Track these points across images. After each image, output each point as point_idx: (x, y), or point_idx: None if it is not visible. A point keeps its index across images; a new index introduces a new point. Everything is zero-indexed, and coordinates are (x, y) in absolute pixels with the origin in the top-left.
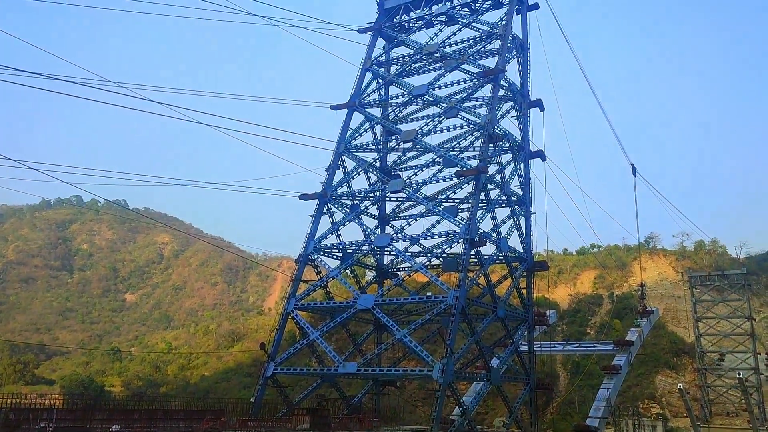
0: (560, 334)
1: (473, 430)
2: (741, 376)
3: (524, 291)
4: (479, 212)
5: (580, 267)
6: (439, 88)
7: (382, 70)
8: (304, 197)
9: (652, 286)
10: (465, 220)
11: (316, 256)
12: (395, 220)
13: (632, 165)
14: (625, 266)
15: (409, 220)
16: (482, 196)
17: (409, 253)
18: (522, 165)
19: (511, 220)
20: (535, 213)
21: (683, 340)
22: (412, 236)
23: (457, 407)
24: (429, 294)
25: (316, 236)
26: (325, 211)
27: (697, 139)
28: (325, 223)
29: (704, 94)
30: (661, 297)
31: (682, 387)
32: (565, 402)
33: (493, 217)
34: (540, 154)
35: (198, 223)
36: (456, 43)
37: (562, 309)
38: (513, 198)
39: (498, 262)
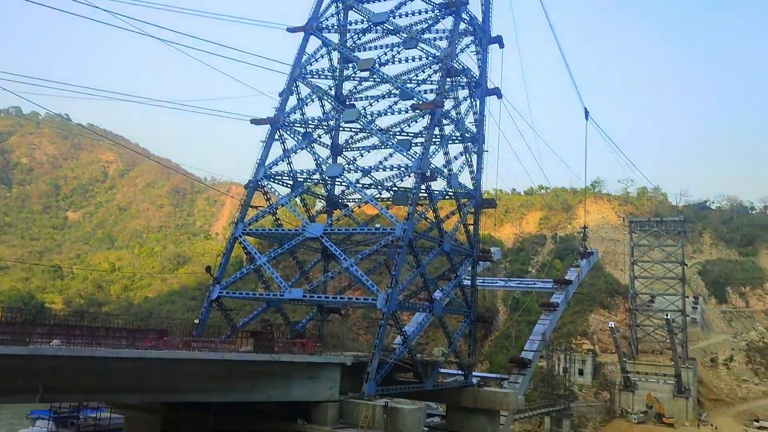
0: (503, 271)
1: (413, 358)
2: (668, 317)
3: (471, 227)
4: (432, 147)
5: (527, 207)
6: (400, 17)
7: None
8: (256, 122)
9: (594, 229)
10: (418, 155)
11: (266, 183)
12: (348, 150)
13: (585, 109)
14: (570, 209)
15: (362, 152)
16: (436, 131)
17: (360, 185)
18: (478, 102)
19: (464, 156)
20: (487, 151)
21: (619, 281)
22: (364, 168)
23: (398, 336)
24: (378, 226)
25: (267, 163)
26: (276, 137)
27: (651, 88)
28: (276, 150)
29: (665, 40)
30: (602, 240)
31: (613, 325)
32: (502, 335)
33: (446, 153)
34: (496, 92)
35: (145, 144)
36: None
37: (506, 247)
38: (467, 135)
39: (447, 197)
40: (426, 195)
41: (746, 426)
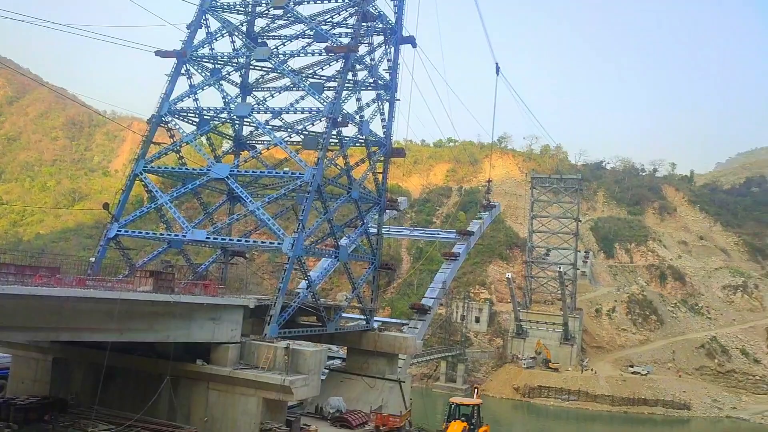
0: (409, 220)
1: (317, 302)
2: (561, 269)
3: (380, 176)
4: (345, 92)
5: (435, 159)
6: None
7: None
8: (161, 54)
9: (498, 183)
10: (330, 99)
11: (170, 119)
12: (258, 90)
13: (496, 64)
14: (476, 162)
15: (273, 93)
16: (349, 77)
17: (270, 127)
18: (392, 49)
19: (376, 104)
20: (399, 100)
21: (518, 234)
22: (274, 109)
23: (303, 281)
24: (286, 170)
25: (172, 98)
26: (183, 71)
27: (561, 53)
28: (182, 86)
29: (582, 7)
30: (505, 194)
31: (510, 276)
32: (405, 283)
33: (358, 99)
34: (411, 41)
35: (38, 70)
36: None
37: (413, 197)
38: (380, 82)
39: (358, 144)
40: (336, 141)
41: (622, 371)
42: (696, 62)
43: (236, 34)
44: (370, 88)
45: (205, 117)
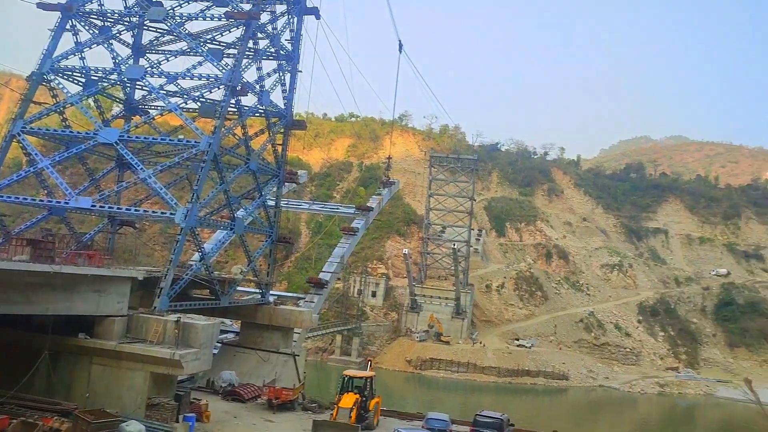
0: (308, 194)
1: (210, 275)
2: (455, 246)
3: (279, 148)
4: (245, 60)
5: (337, 133)
6: None
7: None
8: (44, 6)
9: (398, 161)
10: (229, 66)
11: (53, 77)
12: (152, 53)
13: (399, 41)
14: (377, 139)
15: (168, 56)
16: (250, 44)
17: (164, 92)
18: (295, 19)
19: (277, 74)
20: (301, 71)
21: (415, 211)
22: (169, 74)
23: (197, 253)
24: (181, 137)
25: (56, 55)
26: (68, 27)
27: (465, 36)
28: (68, 43)
29: None
30: (404, 171)
31: (407, 252)
32: (303, 257)
33: (259, 68)
34: (315, 12)
35: None
36: None
37: (313, 171)
38: (281, 52)
39: (257, 115)
40: (235, 110)
41: (508, 344)
42: (588, 54)
43: None
44: (271, 57)
45: (92, 78)
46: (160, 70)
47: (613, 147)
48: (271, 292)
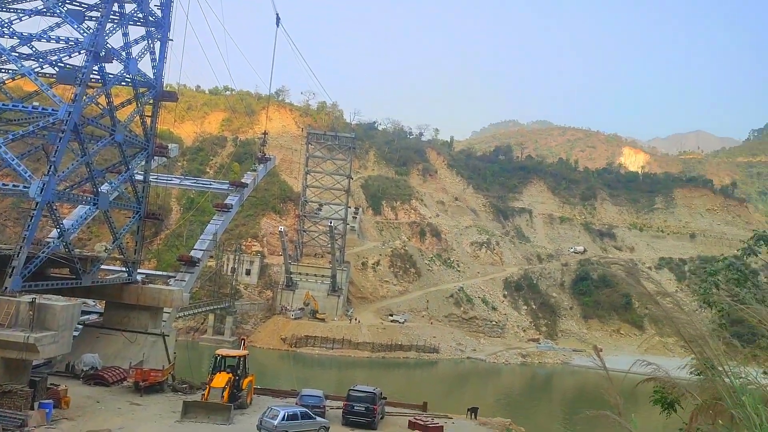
0: (180, 169)
1: (70, 253)
2: (332, 224)
3: (148, 119)
4: (109, 25)
5: (210, 107)
6: None
7: None
8: None
9: (275, 137)
10: (91, 30)
11: None
12: (2, 10)
13: (276, 15)
14: (253, 113)
15: (21, 15)
16: (115, 7)
17: (17, 54)
18: None
19: (145, 42)
20: (172, 40)
21: (292, 189)
22: (22, 34)
23: (55, 229)
24: (36, 104)
25: None
26: None
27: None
28: None
29: None
30: (281, 148)
31: (282, 229)
32: (173, 234)
33: (125, 34)
34: None
35: None
36: None
37: (185, 145)
38: (150, 18)
39: (124, 84)
40: (98, 77)
41: (383, 320)
42: (463, 39)
43: None
44: (139, 23)
45: None
46: (11, 30)
47: (484, 130)
48: (138, 270)
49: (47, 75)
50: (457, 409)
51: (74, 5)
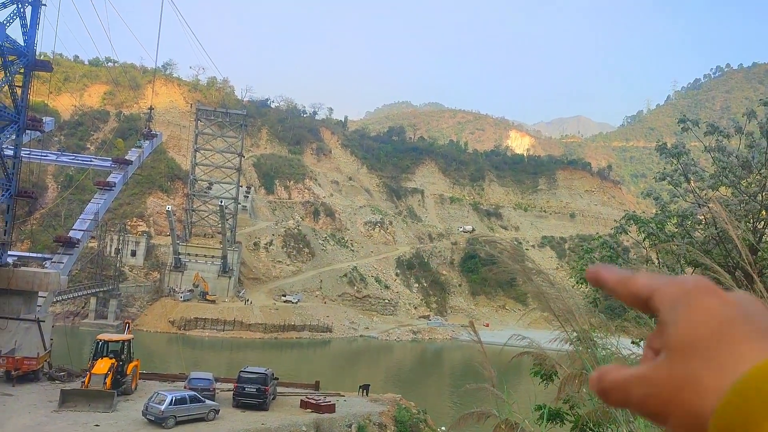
0: (57, 144)
1: None
2: (222, 203)
3: (19, 90)
4: None
5: (91, 79)
6: None
7: None
8: None
9: (162, 112)
10: None
11: None
12: None
13: None
14: (138, 87)
15: None
16: None
17: None
18: None
19: (15, 6)
20: (45, 5)
21: (180, 166)
22: None
23: None
24: None
25: None
26: None
27: None
28: None
29: None
30: (168, 124)
31: (170, 209)
32: (50, 213)
33: None
34: None
35: None
36: None
37: (62, 119)
38: None
39: None
40: None
41: (275, 300)
42: (355, 21)
43: None
44: None
45: None
46: None
47: (378, 110)
48: (9, 252)
49: None
50: (349, 387)
51: None
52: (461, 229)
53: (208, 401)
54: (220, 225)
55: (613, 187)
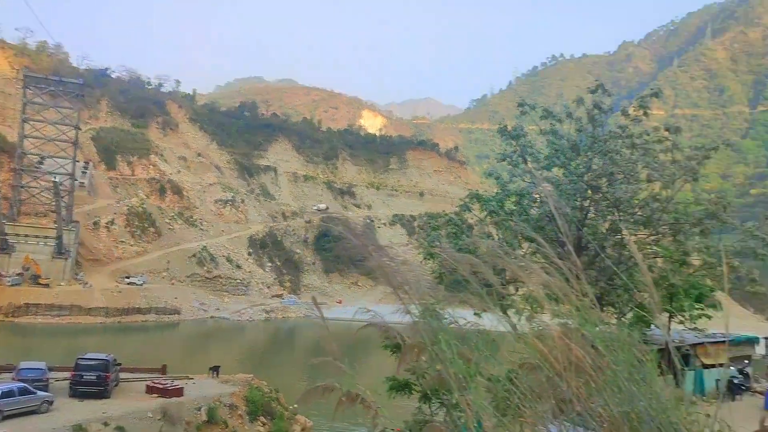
0: None
1: None
2: (56, 179)
3: None
4: None
5: None
6: None
7: None
8: None
9: None
10: None
11: None
12: None
13: None
14: None
15: None
16: None
17: None
18: None
19: None
20: None
21: (5, 138)
22: None
23: None
24: None
25: None
26: None
27: None
28: None
29: None
30: None
31: None
32: None
33: None
34: None
35: None
36: None
37: None
38: None
39: None
40: None
41: (118, 282)
42: None
43: None
44: None
45: None
46: None
47: (229, 84)
48: None
49: None
50: (199, 369)
51: None
52: (315, 208)
53: (40, 392)
54: (54, 203)
55: (459, 167)
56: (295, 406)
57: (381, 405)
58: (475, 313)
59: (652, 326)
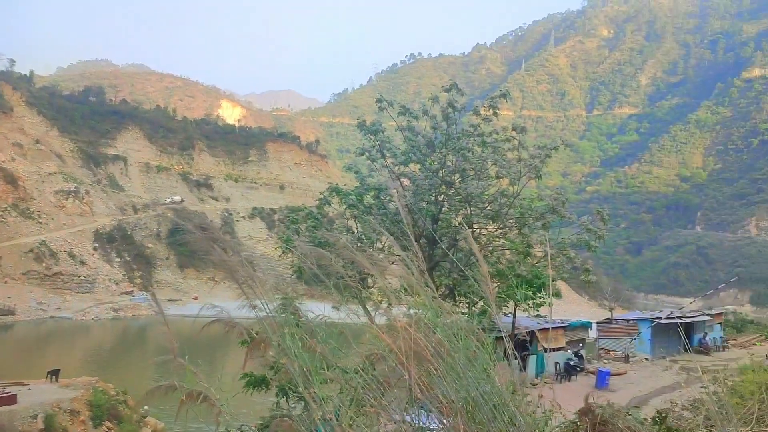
0: None
1: None
2: None
3: None
4: None
5: None
6: None
7: None
8: None
9: None
10: None
11: None
12: None
13: None
14: None
15: None
16: None
17: None
18: None
19: None
20: None
21: None
22: None
23: None
24: None
25: None
26: None
27: None
28: None
29: None
30: None
31: None
32: None
33: None
34: None
35: None
36: None
37: None
38: None
39: None
40: None
41: None
42: None
43: None
44: None
45: None
46: None
47: (72, 67)
48: None
49: None
50: (37, 374)
51: None
52: (169, 200)
53: None
54: None
55: (320, 160)
56: (146, 408)
57: (231, 403)
58: (333, 307)
59: (501, 314)
